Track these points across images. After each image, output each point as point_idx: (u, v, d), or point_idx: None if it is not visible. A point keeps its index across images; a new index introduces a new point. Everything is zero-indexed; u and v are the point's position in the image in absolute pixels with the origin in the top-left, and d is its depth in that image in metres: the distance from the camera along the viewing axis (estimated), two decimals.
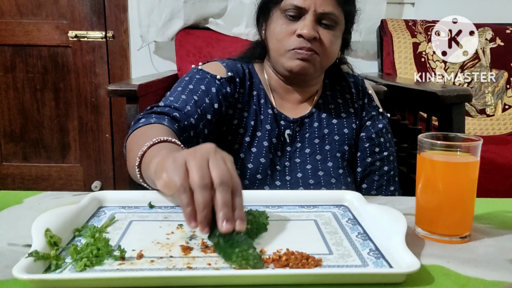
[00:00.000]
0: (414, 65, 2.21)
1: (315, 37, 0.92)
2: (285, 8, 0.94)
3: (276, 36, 0.96)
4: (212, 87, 0.95)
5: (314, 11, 0.91)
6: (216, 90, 0.95)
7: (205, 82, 0.95)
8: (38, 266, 0.52)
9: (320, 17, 0.93)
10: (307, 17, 0.92)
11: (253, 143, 0.98)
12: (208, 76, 0.97)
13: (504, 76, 2.22)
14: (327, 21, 0.93)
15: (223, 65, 1.01)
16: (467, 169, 0.64)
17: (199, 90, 0.94)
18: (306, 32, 0.91)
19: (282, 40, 0.94)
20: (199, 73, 0.98)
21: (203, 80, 0.96)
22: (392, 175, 1.05)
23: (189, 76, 0.98)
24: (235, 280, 0.50)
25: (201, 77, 0.97)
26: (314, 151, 1.00)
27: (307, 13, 0.92)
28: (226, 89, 0.96)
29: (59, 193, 0.82)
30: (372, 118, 1.04)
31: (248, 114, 0.99)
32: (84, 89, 2.53)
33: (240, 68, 1.02)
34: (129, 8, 2.45)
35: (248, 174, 0.95)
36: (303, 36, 0.91)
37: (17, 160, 2.61)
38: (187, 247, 0.59)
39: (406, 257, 0.54)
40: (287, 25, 0.94)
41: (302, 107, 1.04)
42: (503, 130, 2.16)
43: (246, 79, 1.02)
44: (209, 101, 0.93)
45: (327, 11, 0.92)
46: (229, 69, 0.99)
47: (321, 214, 0.73)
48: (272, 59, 1.00)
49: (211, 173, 0.54)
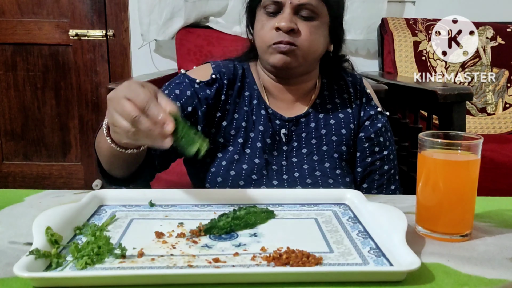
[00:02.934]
0: (414, 63, 2.21)
1: (292, 28, 0.93)
2: (265, 5, 0.96)
3: (259, 33, 0.98)
4: (187, 91, 0.97)
5: (291, 4, 0.93)
6: (192, 94, 0.97)
7: (181, 87, 0.98)
8: (39, 264, 0.52)
9: (297, 8, 0.94)
10: (285, 10, 0.94)
11: (246, 144, 0.99)
12: (187, 81, 0.99)
13: (505, 74, 2.22)
14: (306, 12, 0.95)
15: (213, 66, 1.02)
16: (468, 167, 0.64)
17: (172, 94, 0.97)
18: (283, 24, 0.92)
19: (263, 37, 0.96)
20: (180, 78, 1.01)
21: (180, 84, 0.99)
22: (392, 174, 1.04)
23: (170, 80, 1.02)
24: (235, 278, 0.51)
25: (180, 81, 1.00)
26: (311, 151, 1.00)
27: (285, 6, 0.94)
28: (206, 91, 0.98)
29: (60, 192, 0.83)
30: (370, 117, 1.04)
31: (239, 116, 1.00)
32: (84, 87, 2.53)
33: (231, 69, 1.03)
34: (129, 7, 2.45)
35: (243, 175, 0.95)
36: (280, 28, 0.93)
37: (18, 159, 2.61)
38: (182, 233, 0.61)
39: (406, 255, 0.54)
40: (267, 21, 0.96)
41: (297, 107, 1.04)
42: (503, 128, 2.16)
43: (237, 80, 1.02)
44: (181, 104, 0.96)
45: (303, 2, 0.93)
46: (217, 71, 1.01)
47: (321, 212, 0.73)
48: (260, 58, 1.02)
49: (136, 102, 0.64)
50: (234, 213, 0.66)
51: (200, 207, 0.74)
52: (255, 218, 0.67)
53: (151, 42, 2.45)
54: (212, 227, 0.64)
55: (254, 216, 0.67)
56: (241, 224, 0.65)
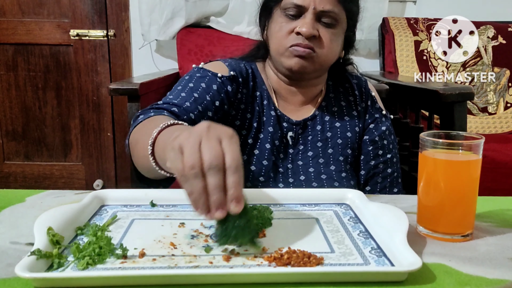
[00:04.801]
0: (416, 63, 2.21)
1: (314, 35, 0.91)
2: (285, 7, 0.94)
3: (276, 34, 0.96)
4: (213, 84, 0.94)
5: (314, 9, 0.91)
6: (218, 88, 0.94)
7: (206, 80, 0.95)
8: (41, 265, 0.52)
9: (320, 15, 0.92)
10: (307, 15, 0.92)
11: (255, 145, 0.97)
12: (209, 74, 0.96)
13: (506, 74, 2.22)
14: (327, 19, 0.93)
15: (226, 64, 1.00)
16: (469, 167, 0.64)
17: (199, 87, 0.93)
18: (305, 30, 0.90)
19: (281, 39, 0.94)
20: (199, 72, 0.97)
21: (204, 78, 0.95)
22: (395, 176, 1.04)
23: (189, 75, 0.98)
24: (236, 279, 0.51)
25: (202, 75, 0.96)
26: (317, 154, 0.99)
27: (307, 11, 0.92)
28: (228, 87, 0.95)
29: (61, 192, 0.83)
30: (375, 120, 1.03)
31: (252, 115, 0.99)
32: (85, 87, 2.53)
33: (243, 68, 1.01)
34: (130, 7, 2.45)
35: (250, 177, 0.94)
36: (301, 34, 0.91)
37: (19, 159, 2.61)
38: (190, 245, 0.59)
39: (407, 255, 0.54)
40: (287, 24, 0.94)
41: (305, 109, 1.03)
42: (505, 128, 2.16)
43: (250, 79, 1.01)
44: (210, 98, 0.92)
45: (326, 9, 0.92)
46: (232, 68, 0.99)
47: (322, 212, 0.73)
48: (273, 58, 1.00)
49: (203, 157, 0.52)
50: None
51: None
52: (262, 224, 0.65)
53: (152, 42, 2.45)
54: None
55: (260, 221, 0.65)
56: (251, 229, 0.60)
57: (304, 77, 0.99)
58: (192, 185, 0.52)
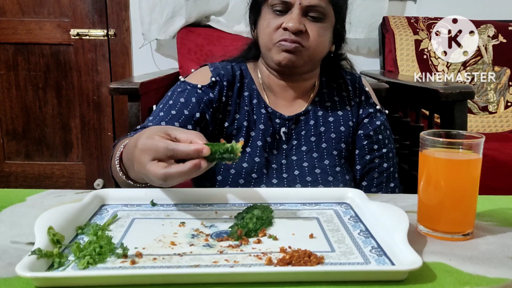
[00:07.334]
0: (416, 62, 2.21)
1: (300, 30, 0.93)
2: (273, 3, 0.96)
3: (264, 31, 0.98)
4: (192, 97, 0.98)
5: (300, 4, 0.93)
6: (197, 99, 0.98)
7: (185, 94, 0.99)
8: (41, 264, 0.52)
9: (306, 10, 0.94)
10: (293, 11, 0.94)
11: (247, 143, 0.99)
12: (189, 87, 1.00)
13: (507, 73, 2.22)
14: (314, 13, 0.95)
15: (211, 69, 1.03)
16: (469, 166, 0.64)
17: (178, 103, 0.97)
18: (291, 25, 0.92)
19: (269, 34, 0.96)
20: (180, 86, 1.01)
21: (183, 92, 0.99)
22: (391, 171, 1.04)
23: (172, 90, 1.02)
24: (237, 278, 0.51)
25: (181, 89, 1.00)
26: (310, 149, 1.00)
27: (293, 7, 0.94)
28: (210, 95, 0.99)
29: (62, 191, 0.83)
30: (369, 115, 1.04)
31: (240, 116, 1.01)
32: (86, 87, 2.53)
33: (230, 71, 1.03)
34: (130, 6, 2.45)
35: (243, 174, 0.96)
36: (288, 29, 0.93)
37: (20, 158, 2.61)
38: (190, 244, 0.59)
39: (408, 254, 0.54)
40: (274, 20, 0.96)
41: (297, 104, 1.04)
42: (505, 127, 2.16)
43: (236, 81, 1.03)
44: (189, 112, 0.96)
45: (313, 4, 0.93)
46: (216, 73, 1.01)
47: (323, 211, 0.73)
48: (263, 55, 1.02)
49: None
50: (252, 213, 0.66)
51: (202, 207, 0.74)
52: (267, 216, 0.67)
53: (152, 42, 2.45)
54: (249, 230, 0.63)
55: (266, 214, 0.67)
56: (266, 222, 0.66)
57: (295, 71, 1.00)
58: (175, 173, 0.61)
